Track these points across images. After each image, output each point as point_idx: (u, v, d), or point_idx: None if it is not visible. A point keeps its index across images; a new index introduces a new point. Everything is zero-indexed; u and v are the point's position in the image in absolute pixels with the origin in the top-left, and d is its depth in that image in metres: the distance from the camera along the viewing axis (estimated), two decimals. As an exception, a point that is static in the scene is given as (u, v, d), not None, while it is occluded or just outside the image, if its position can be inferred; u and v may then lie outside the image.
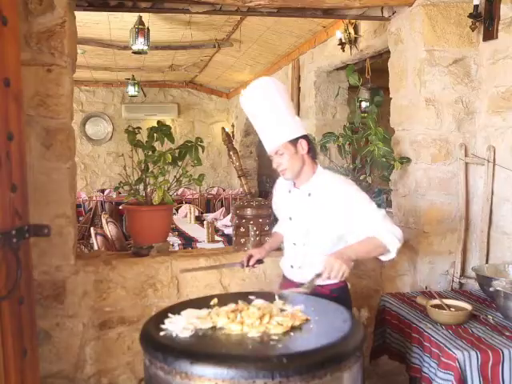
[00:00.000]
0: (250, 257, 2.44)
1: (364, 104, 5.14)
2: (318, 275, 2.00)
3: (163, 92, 10.81)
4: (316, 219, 2.19)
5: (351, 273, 2.04)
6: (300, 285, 2.11)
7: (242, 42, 6.35)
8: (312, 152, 2.23)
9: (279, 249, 2.57)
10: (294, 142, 2.15)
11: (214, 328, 1.82)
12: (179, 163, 3.16)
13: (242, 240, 3.21)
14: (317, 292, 2.08)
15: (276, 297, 2.03)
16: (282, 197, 2.40)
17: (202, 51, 7.13)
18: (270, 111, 2.15)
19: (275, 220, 2.70)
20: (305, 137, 2.20)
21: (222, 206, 8.90)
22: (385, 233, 2.06)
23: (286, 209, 2.34)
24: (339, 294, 2.22)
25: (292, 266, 2.34)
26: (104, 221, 6.00)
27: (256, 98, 2.18)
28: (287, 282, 2.39)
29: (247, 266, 2.44)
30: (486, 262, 3.15)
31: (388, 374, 3.14)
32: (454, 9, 3.20)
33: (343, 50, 4.84)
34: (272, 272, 3.08)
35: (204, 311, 1.92)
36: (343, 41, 4.75)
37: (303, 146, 2.17)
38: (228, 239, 5.13)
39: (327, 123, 6.01)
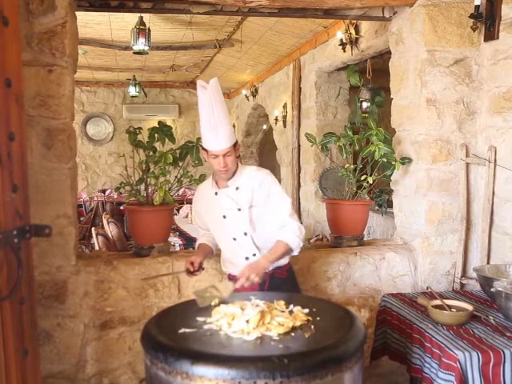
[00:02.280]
0: (192, 263, 2.47)
1: (365, 104, 5.14)
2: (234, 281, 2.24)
3: (164, 92, 10.81)
4: (247, 207, 2.43)
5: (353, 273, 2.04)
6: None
7: (243, 43, 6.35)
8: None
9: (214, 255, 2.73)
10: (235, 145, 2.42)
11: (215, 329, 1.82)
12: (180, 163, 3.16)
13: (243, 240, 3.21)
14: (276, 276, 2.45)
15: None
16: (208, 202, 2.55)
17: (203, 51, 7.13)
18: (224, 114, 2.37)
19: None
20: (237, 142, 2.48)
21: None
22: (291, 235, 2.38)
23: (217, 209, 2.49)
24: (290, 273, 2.58)
25: (247, 258, 2.47)
26: (105, 221, 6.01)
27: (213, 96, 2.32)
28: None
29: (193, 272, 2.48)
30: (487, 263, 3.14)
31: (389, 375, 3.14)
32: (454, 9, 3.20)
33: (344, 51, 4.83)
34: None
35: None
36: (344, 41, 4.75)
37: (238, 149, 2.49)
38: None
39: (328, 123, 6.01)
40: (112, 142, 10.60)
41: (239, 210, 2.43)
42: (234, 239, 2.49)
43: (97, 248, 5.26)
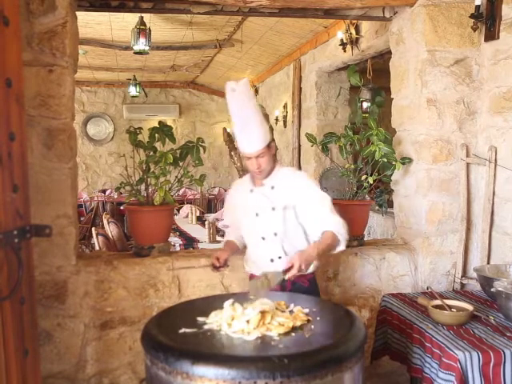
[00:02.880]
0: (218, 259, 2.44)
1: (365, 104, 5.14)
2: (284, 271, 2.11)
3: (164, 92, 10.81)
4: (281, 208, 2.37)
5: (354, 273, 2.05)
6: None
7: (244, 43, 6.35)
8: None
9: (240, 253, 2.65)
10: (269, 144, 2.36)
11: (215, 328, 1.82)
12: (180, 163, 3.16)
13: (243, 240, 3.21)
14: (297, 283, 2.35)
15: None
16: (242, 198, 2.52)
17: (204, 51, 7.13)
18: (255, 115, 2.31)
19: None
20: (273, 139, 2.43)
21: (223, 206, 8.88)
22: (336, 226, 2.28)
23: (251, 206, 2.46)
24: (312, 283, 2.48)
25: (272, 260, 2.42)
26: (105, 221, 6.01)
27: (243, 98, 2.28)
28: None
29: (220, 267, 2.44)
30: (488, 263, 3.14)
31: (389, 375, 3.14)
32: (455, 9, 3.19)
33: (344, 51, 4.83)
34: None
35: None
36: (344, 41, 4.75)
37: (273, 148, 2.42)
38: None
39: (328, 123, 6.01)
40: (112, 142, 10.60)
41: (273, 209, 2.38)
42: (263, 238, 2.43)
43: (97, 248, 5.26)
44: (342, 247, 2.32)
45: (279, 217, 2.38)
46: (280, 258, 2.40)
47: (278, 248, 2.41)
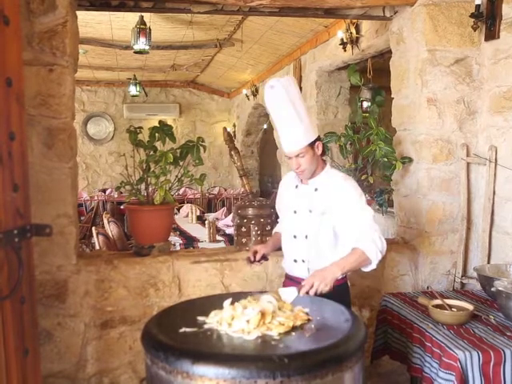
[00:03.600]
0: (255, 252, 2.43)
1: (365, 104, 5.13)
2: (299, 289, 2.05)
3: (165, 92, 10.81)
4: (319, 212, 2.28)
5: (354, 273, 2.05)
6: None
7: (244, 42, 6.35)
8: (323, 152, 2.34)
9: (280, 248, 2.57)
10: (312, 144, 2.25)
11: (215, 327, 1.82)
12: (181, 163, 3.16)
13: (244, 240, 3.21)
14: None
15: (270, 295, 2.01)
16: (288, 191, 2.47)
17: (204, 51, 7.13)
18: (295, 113, 2.19)
19: (276, 221, 2.73)
20: (319, 138, 2.31)
21: (223, 205, 8.90)
22: (369, 244, 2.16)
23: (292, 202, 2.41)
24: (341, 291, 2.30)
25: (295, 261, 2.37)
26: (105, 220, 6.01)
27: (282, 97, 2.19)
28: (290, 281, 2.41)
29: (254, 261, 2.41)
30: (488, 262, 3.14)
31: (389, 374, 3.14)
32: (455, 8, 3.19)
33: (345, 50, 4.83)
34: (273, 272, 3.08)
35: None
36: (345, 40, 4.74)
37: (319, 148, 2.29)
38: (229, 239, 5.12)
39: (329, 123, 6.00)
40: (112, 142, 10.60)
41: (310, 211, 2.30)
42: (295, 237, 2.36)
43: (97, 247, 5.26)
44: (372, 266, 2.21)
45: (314, 221, 2.30)
46: (304, 261, 2.34)
47: (305, 251, 2.33)
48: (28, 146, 2.01)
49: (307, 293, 2.05)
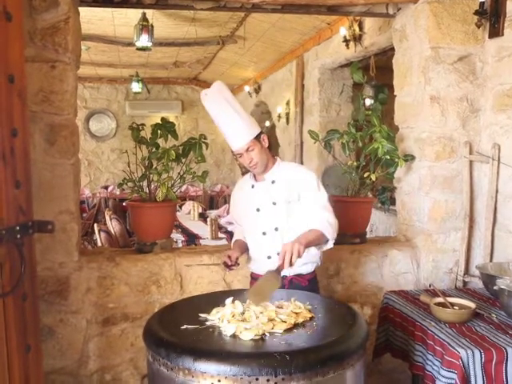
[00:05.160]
0: (229, 257, 2.42)
1: (368, 101, 5.12)
2: (279, 268, 2.06)
3: (167, 89, 10.81)
4: (283, 202, 2.39)
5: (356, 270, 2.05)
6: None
7: (246, 39, 6.33)
8: (269, 145, 2.48)
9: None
10: (258, 137, 2.37)
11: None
12: (183, 160, 3.16)
13: (246, 237, 3.21)
14: (296, 283, 2.38)
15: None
16: (244, 194, 2.55)
17: (206, 48, 7.12)
18: (234, 112, 2.33)
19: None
20: (262, 132, 2.43)
21: (225, 202, 8.91)
22: (326, 225, 2.28)
23: (252, 202, 2.48)
24: (312, 283, 2.49)
25: (269, 257, 2.42)
26: (107, 217, 6.03)
27: (218, 100, 2.33)
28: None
29: (232, 265, 2.41)
30: (490, 261, 3.13)
31: (391, 372, 3.14)
32: (459, 6, 3.18)
33: (347, 47, 4.82)
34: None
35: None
36: (347, 38, 4.73)
37: (265, 140, 2.42)
38: (231, 236, 5.12)
39: (331, 120, 6.00)
40: (115, 139, 10.61)
41: (274, 203, 2.40)
42: (264, 233, 2.44)
43: (99, 244, 5.27)
44: (329, 245, 2.36)
45: (281, 211, 2.39)
46: (279, 254, 2.36)
47: (278, 244, 2.36)
48: (30, 142, 2.01)
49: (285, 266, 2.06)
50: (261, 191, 2.45)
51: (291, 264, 2.05)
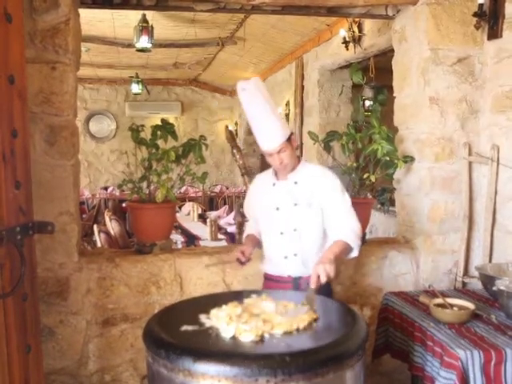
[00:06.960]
0: (243, 252, 2.41)
1: (368, 102, 5.14)
2: (312, 289, 2.06)
3: (167, 90, 10.81)
4: (305, 204, 2.36)
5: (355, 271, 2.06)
6: (290, 279, 2.37)
7: (246, 40, 6.34)
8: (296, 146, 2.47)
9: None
10: (289, 139, 2.34)
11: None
12: (182, 161, 3.16)
13: (245, 238, 3.21)
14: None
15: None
16: (264, 191, 2.50)
17: (206, 49, 7.13)
18: (271, 111, 2.29)
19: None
20: (292, 133, 2.41)
21: (225, 203, 8.91)
22: (349, 233, 2.29)
23: (272, 200, 2.44)
24: (327, 285, 2.33)
25: (286, 257, 2.40)
26: (107, 218, 6.02)
27: (256, 96, 2.27)
28: (272, 282, 2.44)
29: (245, 261, 2.41)
30: (490, 261, 3.14)
31: (390, 373, 3.14)
32: (458, 7, 3.18)
33: (347, 49, 4.83)
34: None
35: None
36: (347, 39, 4.74)
37: (295, 141, 2.41)
38: (231, 237, 5.13)
39: (331, 121, 6.00)
40: (115, 140, 10.60)
41: (295, 204, 2.37)
42: (282, 233, 2.40)
43: (99, 245, 5.27)
44: (354, 254, 2.35)
45: (301, 213, 2.36)
46: (295, 255, 2.38)
47: (295, 244, 2.39)
48: (30, 143, 2.01)
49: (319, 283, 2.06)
50: (282, 190, 2.41)
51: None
